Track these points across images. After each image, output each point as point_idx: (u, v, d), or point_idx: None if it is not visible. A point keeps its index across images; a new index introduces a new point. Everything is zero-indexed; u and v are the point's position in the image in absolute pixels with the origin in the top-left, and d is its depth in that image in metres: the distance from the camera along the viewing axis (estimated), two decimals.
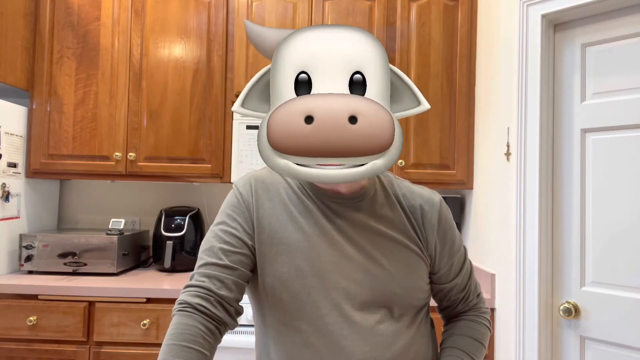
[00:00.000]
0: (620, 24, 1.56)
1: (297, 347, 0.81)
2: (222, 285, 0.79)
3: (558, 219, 1.69)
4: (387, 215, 0.87)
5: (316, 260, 0.81)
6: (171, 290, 1.84)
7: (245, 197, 0.87)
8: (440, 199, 0.92)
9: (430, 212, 0.88)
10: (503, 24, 1.86)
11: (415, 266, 0.86)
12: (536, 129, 1.67)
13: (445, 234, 0.90)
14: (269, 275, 0.83)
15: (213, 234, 0.85)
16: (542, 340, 1.66)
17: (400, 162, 2.11)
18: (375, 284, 0.82)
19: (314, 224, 0.84)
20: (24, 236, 2.03)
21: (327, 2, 2.15)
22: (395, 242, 0.85)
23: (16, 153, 2.08)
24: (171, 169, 2.14)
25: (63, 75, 2.14)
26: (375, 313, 0.81)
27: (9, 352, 1.82)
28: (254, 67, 2.13)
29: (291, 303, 0.81)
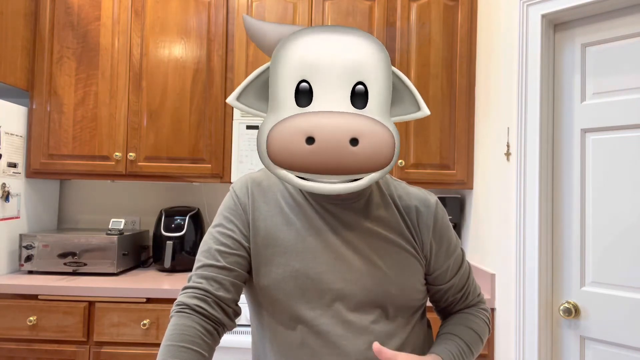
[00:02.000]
0: (620, 24, 1.56)
1: (293, 347, 0.81)
2: (220, 286, 0.80)
3: (558, 219, 1.69)
4: (382, 216, 0.86)
5: (311, 261, 0.82)
6: (171, 290, 1.84)
7: (241, 199, 0.87)
8: (436, 201, 0.91)
9: (426, 213, 0.88)
10: (503, 24, 1.86)
11: (410, 267, 0.85)
12: (536, 129, 1.67)
13: (442, 235, 0.89)
14: (265, 276, 0.83)
15: (210, 236, 0.85)
16: (542, 340, 1.66)
17: (400, 162, 2.11)
18: (371, 284, 0.82)
19: (310, 226, 0.84)
20: (24, 236, 2.03)
21: (327, 2, 2.15)
22: (391, 243, 0.85)
23: (16, 153, 2.08)
24: (171, 169, 2.14)
25: (63, 75, 2.14)
26: (370, 313, 0.82)
27: (9, 352, 1.82)
28: (254, 66, 2.12)
29: (287, 304, 0.81)
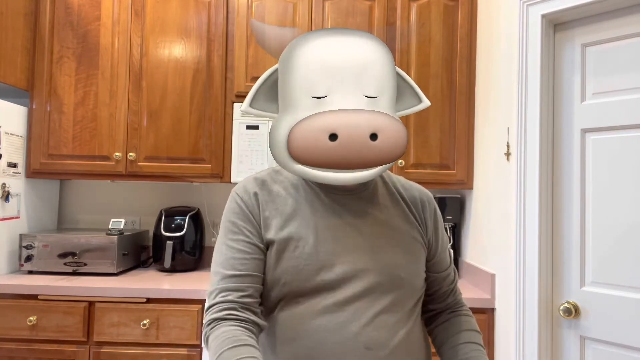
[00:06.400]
0: (620, 24, 1.56)
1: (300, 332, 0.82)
2: (244, 293, 0.81)
3: (558, 219, 1.69)
4: (389, 204, 0.91)
5: (323, 252, 0.83)
6: (171, 290, 1.84)
7: (246, 201, 0.87)
8: (432, 196, 1.01)
9: (428, 202, 0.96)
10: (503, 24, 1.87)
11: (417, 253, 0.89)
12: (536, 129, 1.67)
13: (439, 226, 0.97)
14: (278, 269, 0.84)
15: (224, 246, 0.86)
16: (542, 340, 1.66)
17: (400, 162, 2.11)
18: (381, 270, 0.84)
19: (320, 215, 0.86)
20: (24, 236, 2.03)
21: (327, 2, 2.15)
22: (398, 230, 0.88)
23: (16, 153, 2.08)
24: (171, 169, 2.14)
25: (63, 75, 2.14)
26: (380, 299, 0.83)
27: (9, 352, 1.82)
28: (254, 67, 2.13)
29: (297, 291, 0.82)
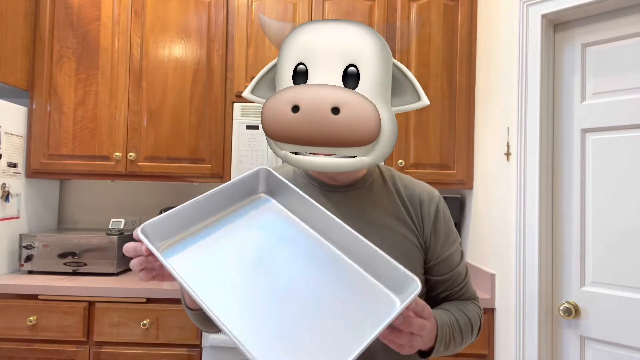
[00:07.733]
0: (620, 24, 1.56)
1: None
2: None
3: (558, 219, 1.69)
4: (384, 204, 0.90)
5: None
6: (171, 290, 1.84)
7: None
8: (439, 195, 0.95)
9: (428, 201, 0.92)
10: (503, 24, 1.86)
11: (410, 254, 0.87)
12: (536, 129, 1.67)
13: (442, 225, 0.91)
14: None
15: None
16: (542, 340, 1.66)
17: (400, 162, 2.11)
18: None
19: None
20: (24, 236, 2.03)
21: (327, 2, 2.15)
22: (392, 230, 0.87)
23: (16, 153, 2.08)
24: (171, 169, 2.14)
25: (63, 75, 2.14)
26: None
27: (9, 352, 1.82)
28: (254, 67, 2.13)
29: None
